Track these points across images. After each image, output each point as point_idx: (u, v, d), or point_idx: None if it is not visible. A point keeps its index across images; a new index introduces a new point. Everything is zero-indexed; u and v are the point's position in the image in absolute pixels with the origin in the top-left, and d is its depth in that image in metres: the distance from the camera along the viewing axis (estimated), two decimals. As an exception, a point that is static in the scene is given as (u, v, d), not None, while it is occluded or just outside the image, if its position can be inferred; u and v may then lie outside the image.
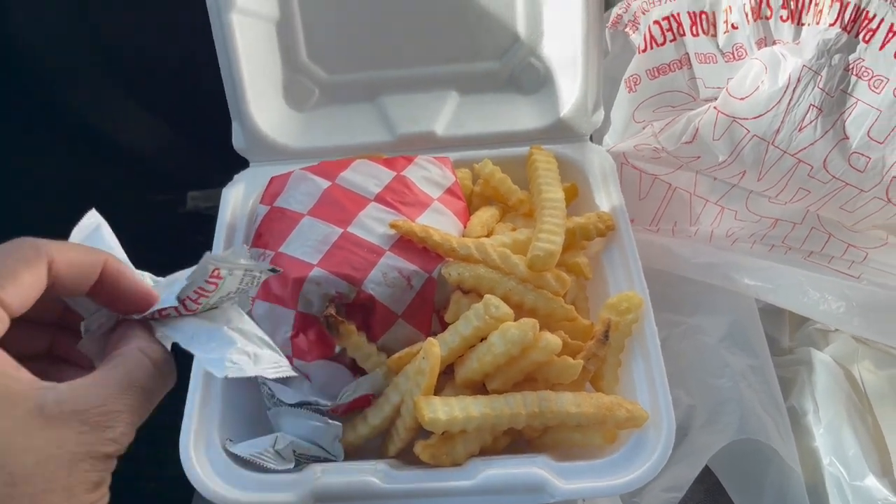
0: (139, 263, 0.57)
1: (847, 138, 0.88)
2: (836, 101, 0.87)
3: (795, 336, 0.99)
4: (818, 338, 0.99)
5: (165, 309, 0.52)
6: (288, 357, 0.81)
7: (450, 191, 0.92)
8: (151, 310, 0.52)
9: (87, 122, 1.32)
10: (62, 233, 0.56)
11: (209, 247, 0.91)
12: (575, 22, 0.95)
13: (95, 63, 1.27)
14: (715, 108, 0.92)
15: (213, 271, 0.51)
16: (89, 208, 0.61)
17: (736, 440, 0.89)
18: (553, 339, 0.74)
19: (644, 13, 0.97)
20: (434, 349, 0.72)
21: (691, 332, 0.97)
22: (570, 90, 0.99)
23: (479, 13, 1.01)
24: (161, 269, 1.17)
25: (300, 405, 0.77)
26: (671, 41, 0.96)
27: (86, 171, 1.35)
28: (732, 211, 1.01)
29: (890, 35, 0.83)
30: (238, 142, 1.01)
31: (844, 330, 0.92)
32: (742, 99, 0.90)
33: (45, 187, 1.30)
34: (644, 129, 1.00)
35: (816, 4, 0.85)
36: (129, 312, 0.53)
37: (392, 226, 0.83)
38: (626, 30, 1.00)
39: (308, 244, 0.82)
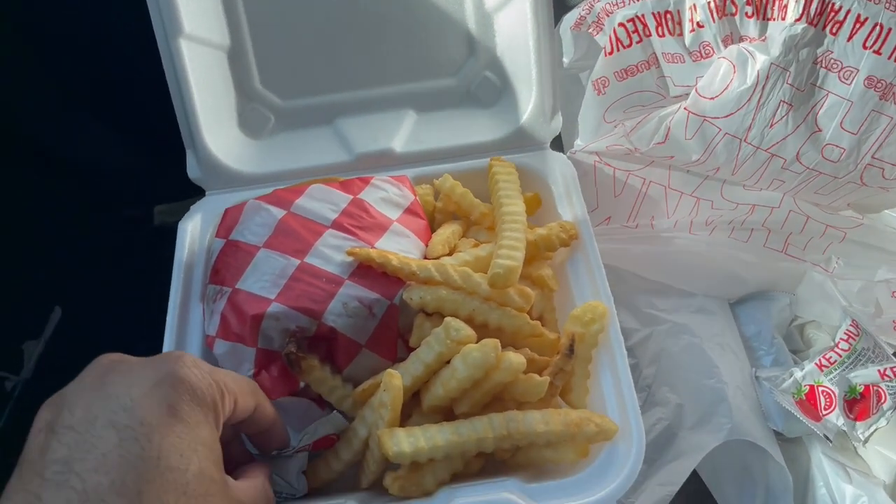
0: (111, 281, 0.64)
1: (819, 130, 0.88)
2: (806, 95, 0.87)
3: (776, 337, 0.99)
4: (797, 335, 1.00)
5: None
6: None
7: (409, 210, 0.91)
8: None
9: (48, 141, 1.30)
10: (21, 254, 0.59)
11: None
12: (525, 32, 0.95)
13: (54, 82, 1.25)
14: (685, 108, 0.91)
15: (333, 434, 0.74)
16: (56, 228, 0.66)
17: (727, 441, 0.88)
18: (516, 359, 0.73)
19: (608, 15, 0.97)
20: (395, 381, 0.72)
21: (676, 331, 0.97)
22: (527, 99, 0.98)
23: (432, 31, 1.00)
24: (134, 285, 1.16)
25: None
26: (637, 42, 0.95)
27: (50, 191, 1.33)
28: (708, 201, 1.01)
29: (857, 25, 0.83)
30: (193, 172, 0.99)
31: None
32: (712, 98, 0.89)
33: (7, 209, 1.28)
34: (615, 128, 0.99)
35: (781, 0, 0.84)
36: (269, 448, 0.71)
37: (349, 253, 0.82)
38: (590, 31, 0.99)
39: (265, 278, 0.81)
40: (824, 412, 0.90)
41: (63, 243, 1.30)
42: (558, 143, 1.05)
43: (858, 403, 0.89)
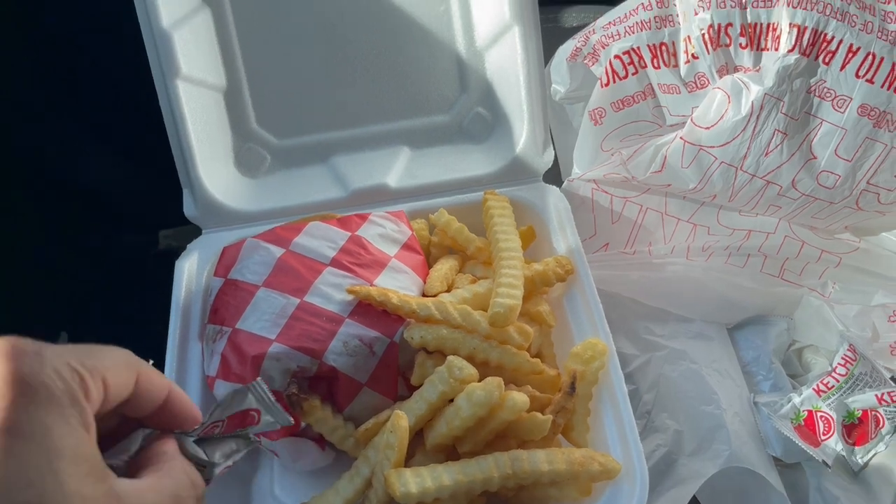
0: (118, 305, 0.59)
1: (814, 158, 0.89)
2: (800, 124, 0.88)
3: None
4: (795, 360, 1.00)
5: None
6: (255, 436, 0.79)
7: (407, 245, 0.92)
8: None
9: (54, 166, 1.30)
10: (35, 281, 0.57)
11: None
12: (516, 67, 0.97)
13: (60, 105, 1.26)
14: (681, 137, 0.92)
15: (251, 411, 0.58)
16: (62, 253, 0.62)
17: (725, 468, 0.88)
18: (520, 398, 0.73)
19: (604, 47, 0.98)
20: (402, 423, 0.71)
21: (674, 357, 0.97)
22: (519, 133, 1.00)
23: (424, 69, 1.02)
24: (140, 309, 1.16)
25: None
26: (633, 74, 0.97)
27: (56, 216, 1.34)
28: (704, 227, 1.02)
29: (850, 55, 0.84)
30: (189, 210, 0.99)
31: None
32: (707, 128, 0.90)
33: (15, 233, 1.28)
34: (612, 157, 1.00)
35: (774, 30, 0.86)
36: (171, 428, 0.55)
37: (350, 291, 0.82)
38: (586, 62, 1.00)
39: (265, 318, 0.81)
40: (823, 437, 0.90)
41: (69, 268, 1.30)
42: (554, 173, 1.05)
43: (857, 428, 0.89)
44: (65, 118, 1.29)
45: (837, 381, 0.92)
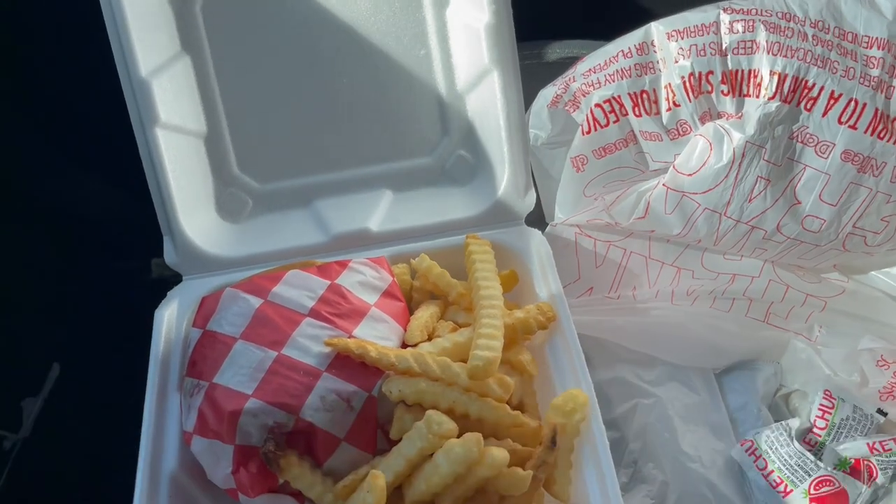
0: (108, 335, 0.58)
1: (799, 203, 0.89)
2: (783, 170, 0.88)
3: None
4: (783, 405, 0.99)
5: None
6: (232, 491, 0.78)
7: (387, 293, 0.91)
8: None
9: (44, 194, 1.30)
10: (21, 309, 0.56)
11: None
12: (496, 111, 0.96)
13: (52, 137, 1.26)
14: (664, 184, 0.92)
15: None
16: (53, 282, 0.62)
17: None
18: (499, 454, 0.72)
19: (584, 95, 0.97)
20: (378, 482, 0.70)
21: (660, 406, 0.97)
22: (501, 176, 0.99)
23: (405, 112, 1.01)
24: (132, 338, 1.16)
25: None
26: (615, 122, 0.96)
27: (47, 245, 1.33)
28: (689, 271, 1.02)
29: (831, 101, 0.84)
30: (170, 257, 0.99)
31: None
32: (689, 175, 0.90)
33: (4, 263, 1.28)
34: (595, 202, 1.00)
35: (755, 77, 0.85)
36: None
37: (327, 343, 0.81)
38: (567, 108, 1.00)
39: (242, 371, 0.80)
40: None
41: (60, 297, 1.30)
42: (537, 215, 1.05)
43: (849, 476, 0.88)
44: (55, 147, 1.29)
45: (819, 436, 0.91)
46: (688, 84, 0.87)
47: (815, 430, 0.89)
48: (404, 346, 0.87)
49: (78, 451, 1.21)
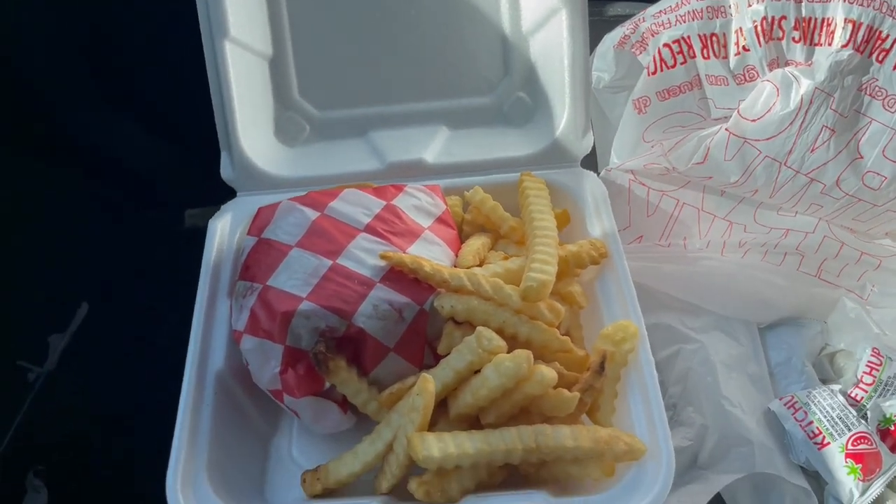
0: (139, 280, 0.59)
1: (861, 157, 0.88)
2: (849, 122, 0.86)
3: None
4: (827, 364, 0.98)
5: None
6: (277, 392, 0.79)
7: (440, 219, 0.91)
8: None
9: (82, 136, 1.31)
10: (55, 250, 0.56)
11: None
12: (561, 52, 0.96)
13: (89, 78, 1.27)
14: (726, 129, 0.91)
15: None
16: (88, 225, 0.62)
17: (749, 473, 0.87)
18: (548, 372, 0.73)
19: (653, 35, 0.97)
20: (429, 386, 0.71)
21: (703, 352, 0.96)
22: (560, 117, 0.99)
23: (468, 50, 1.01)
24: (161, 286, 1.17)
25: None
26: (681, 64, 0.96)
27: (80, 190, 1.35)
28: (741, 225, 1.01)
29: None
30: (226, 172, 1.00)
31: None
32: (753, 121, 0.89)
33: (39, 206, 1.29)
34: (653, 147, 0.99)
35: (829, 25, 0.84)
36: None
37: (382, 257, 0.81)
38: (633, 50, 0.99)
39: (297, 277, 0.80)
40: None
41: (93, 240, 1.31)
42: (590, 163, 1.04)
43: (892, 434, 0.87)
44: (101, 91, 1.30)
45: (865, 391, 0.90)
46: (759, 29, 0.87)
47: (861, 385, 0.89)
48: (456, 269, 0.87)
49: (102, 387, 1.23)
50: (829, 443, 0.86)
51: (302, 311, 0.77)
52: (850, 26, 0.82)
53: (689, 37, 0.92)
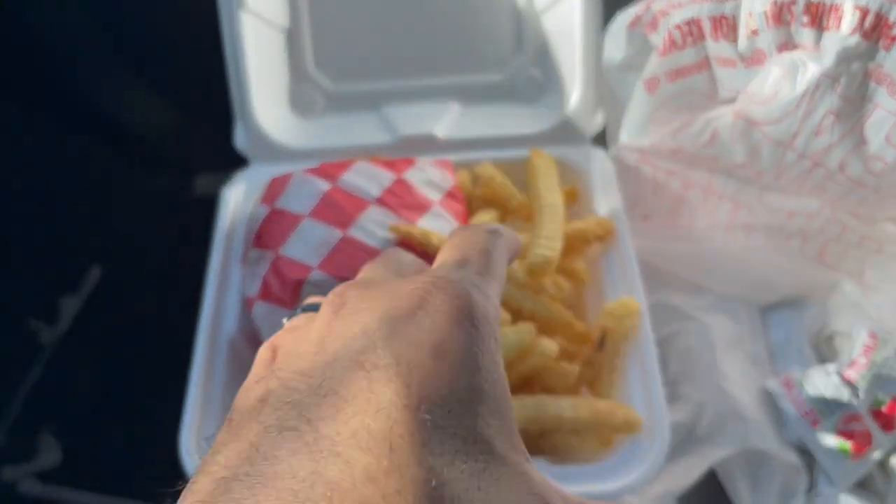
0: (151, 245, 0.59)
1: (865, 143, 0.88)
2: (854, 107, 0.87)
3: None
4: (825, 347, 1.00)
5: None
6: None
7: (450, 194, 0.93)
8: None
9: (91, 100, 1.32)
10: (61, 213, 0.57)
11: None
12: (574, 30, 0.97)
13: (102, 40, 1.27)
14: (733, 112, 0.92)
15: None
16: (92, 190, 0.62)
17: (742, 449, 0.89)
18: (550, 345, 0.75)
19: (664, 16, 0.97)
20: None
21: (704, 332, 0.98)
22: (570, 94, 1.00)
23: (482, 26, 1.02)
24: (170, 256, 1.18)
25: None
26: (692, 45, 0.96)
27: (89, 153, 1.36)
28: (747, 205, 1.02)
29: None
30: (241, 141, 1.02)
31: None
32: (760, 104, 0.90)
33: (46, 169, 1.31)
34: (662, 127, 1.00)
35: (837, 11, 0.85)
36: None
37: (392, 228, 0.83)
38: (644, 30, 1.00)
39: (308, 246, 0.82)
40: None
41: (105, 206, 1.33)
42: (599, 143, 1.06)
43: (884, 414, 0.89)
44: (115, 52, 1.30)
45: (860, 372, 0.92)
46: (769, 12, 0.87)
47: (856, 366, 0.90)
48: (463, 243, 0.89)
49: (114, 351, 1.25)
50: (819, 419, 0.88)
51: (312, 280, 0.79)
52: (857, 12, 0.82)
53: (699, 18, 0.92)
